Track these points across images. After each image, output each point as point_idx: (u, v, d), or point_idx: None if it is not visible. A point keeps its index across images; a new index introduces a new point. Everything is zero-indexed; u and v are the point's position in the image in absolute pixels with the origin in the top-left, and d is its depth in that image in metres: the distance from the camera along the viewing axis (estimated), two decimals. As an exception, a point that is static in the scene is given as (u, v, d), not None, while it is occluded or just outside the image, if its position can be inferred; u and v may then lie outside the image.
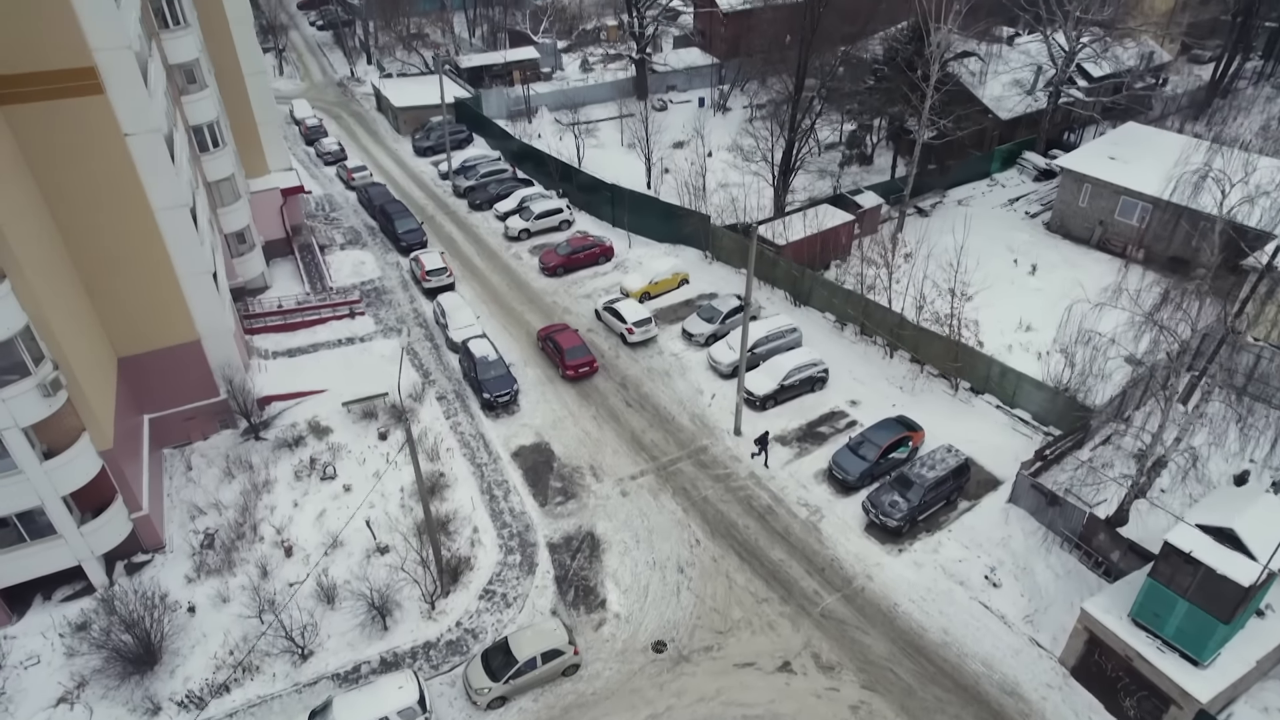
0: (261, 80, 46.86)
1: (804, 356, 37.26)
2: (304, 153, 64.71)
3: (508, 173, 57.27)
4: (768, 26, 70.83)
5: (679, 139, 65.35)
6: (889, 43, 54.72)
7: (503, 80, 76.68)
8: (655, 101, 73.26)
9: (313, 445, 34.74)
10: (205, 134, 39.91)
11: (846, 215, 47.81)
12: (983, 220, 53.03)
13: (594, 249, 47.51)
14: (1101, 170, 49.27)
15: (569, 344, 39.15)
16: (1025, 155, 59.72)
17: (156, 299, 32.01)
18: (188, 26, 38.01)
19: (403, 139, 66.49)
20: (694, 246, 48.74)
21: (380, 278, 47.14)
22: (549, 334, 40.44)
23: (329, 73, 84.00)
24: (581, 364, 38.66)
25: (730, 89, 73.02)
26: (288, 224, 49.45)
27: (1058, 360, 38.68)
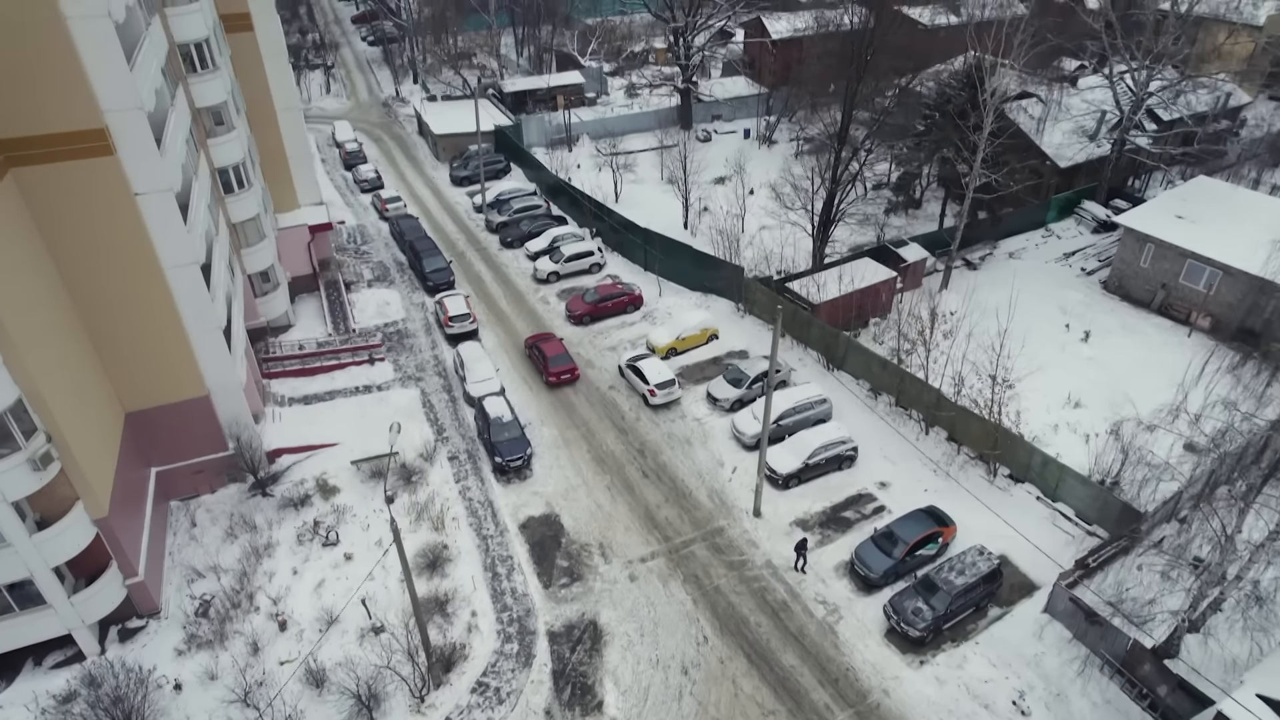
0: (294, 116, 46.45)
1: (832, 433, 35.25)
2: (342, 178, 64.53)
3: (541, 209, 56.14)
4: (817, 59, 68.72)
5: (721, 174, 63.61)
6: (941, 87, 52.08)
7: (546, 105, 75.76)
8: (699, 132, 71.57)
9: (318, 506, 33.91)
10: (231, 176, 39.48)
11: (888, 272, 45.55)
12: (1034, 276, 50.30)
13: (622, 298, 46.05)
14: (1167, 230, 46.16)
15: (553, 352, 41.22)
16: (1084, 205, 56.58)
17: (165, 356, 31.46)
18: (216, 70, 37.54)
19: (441, 166, 65.94)
20: (726, 298, 46.97)
21: (404, 319, 46.35)
22: (535, 342, 42.32)
23: (375, 91, 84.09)
24: (563, 371, 40.72)
25: (777, 121, 70.93)
26: (315, 259, 49.01)
27: (1106, 444, 36.20)
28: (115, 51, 26.46)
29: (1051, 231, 55.74)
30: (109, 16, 26.00)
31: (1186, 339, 44.51)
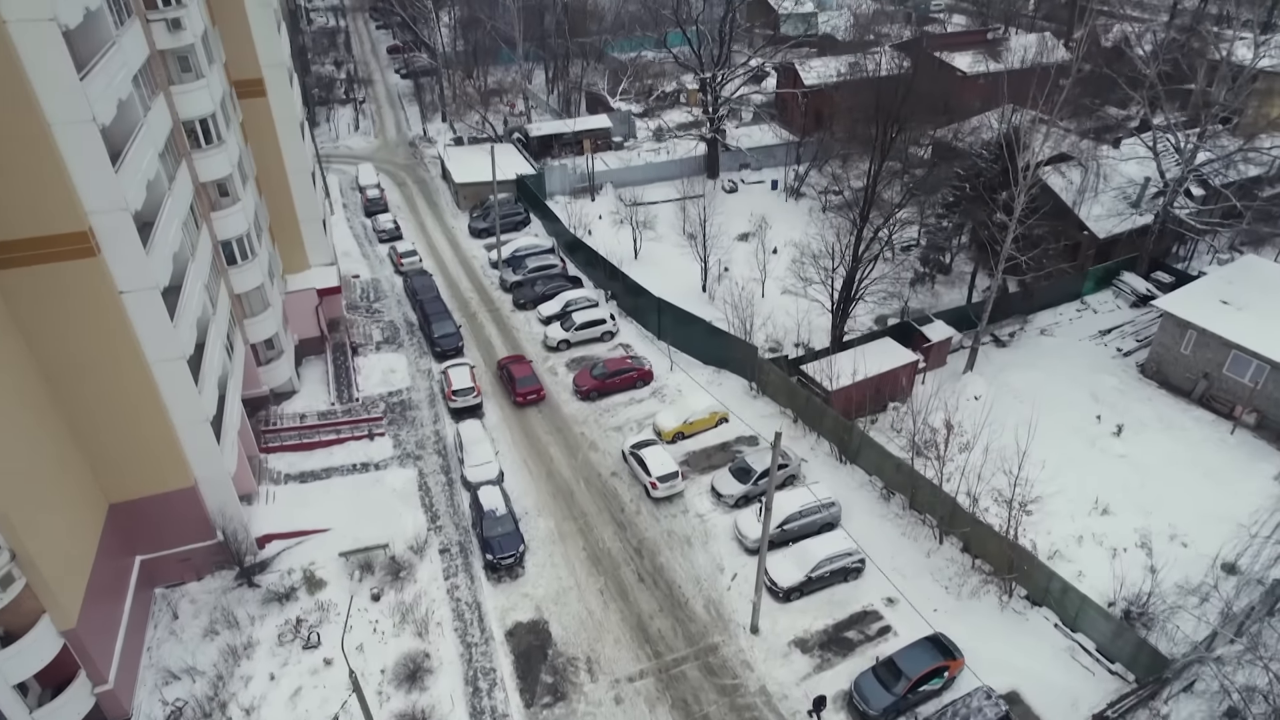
0: (305, 178, 45.98)
1: (838, 544, 33.43)
2: (361, 226, 64.22)
3: (557, 268, 55.11)
4: (848, 111, 66.89)
5: (745, 230, 62.09)
6: (972, 158, 50.00)
7: (572, 149, 74.92)
8: (725, 183, 70.13)
9: (303, 601, 32.99)
10: (234, 248, 39.00)
11: (909, 355, 43.60)
12: (1067, 356, 47.96)
13: (631, 373, 44.70)
14: (1210, 317, 43.54)
15: (520, 374, 44.67)
16: (1123, 277, 53.95)
17: (150, 448, 30.82)
18: (221, 144, 37.06)
19: (461, 215, 65.33)
20: (739, 375, 45.34)
21: (409, 388, 45.51)
22: (506, 364, 46.02)
23: (404, 129, 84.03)
24: (530, 391, 44.02)
25: (806, 173, 69.16)
26: (325, 321, 48.47)
27: (1133, 561, 33.96)
28: (100, 155, 25.86)
29: (1087, 304, 53.21)
30: (93, 121, 25.42)
31: (1229, 436, 41.86)
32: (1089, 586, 32.54)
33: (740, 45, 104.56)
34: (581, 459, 40.51)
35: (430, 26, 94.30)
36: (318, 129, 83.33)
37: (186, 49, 34.83)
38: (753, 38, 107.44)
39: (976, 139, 65.96)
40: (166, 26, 33.62)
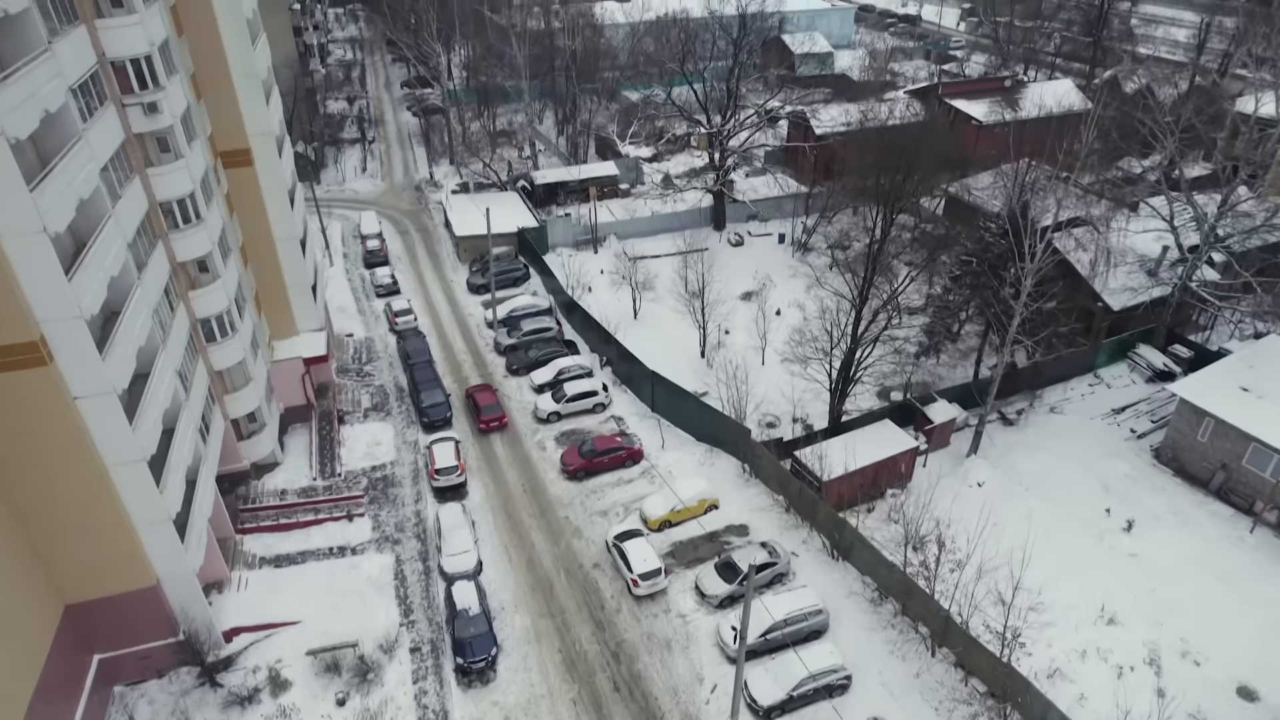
0: (294, 246, 45.19)
1: (824, 659, 31.74)
2: (360, 278, 63.48)
3: (553, 330, 53.98)
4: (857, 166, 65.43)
5: (748, 289, 60.69)
6: (979, 228, 48.30)
7: (578, 196, 74.01)
8: (731, 236, 68.81)
9: (265, 705, 31.81)
10: (214, 325, 38.19)
11: (908, 440, 41.89)
12: (1077, 437, 45.99)
13: (620, 452, 43.33)
14: (1228, 406, 41.42)
15: (485, 402, 47.43)
16: (1139, 350, 51.87)
17: (108, 550, 29.89)
18: (201, 222, 36.30)
19: (461, 268, 64.43)
20: (733, 455, 43.82)
21: (393, 463, 44.42)
22: (472, 392, 48.68)
23: (411, 171, 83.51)
24: (492, 419, 46.65)
25: (814, 227, 67.65)
26: (313, 387, 47.61)
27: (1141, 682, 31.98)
28: (51, 264, 25.05)
29: (1101, 379, 51.16)
30: (44, 232, 24.60)
31: (1248, 535, 39.66)
32: (1091, 713, 30.65)
33: (755, 84, 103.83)
34: (564, 547, 39.13)
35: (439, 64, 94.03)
36: (324, 170, 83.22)
37: (165, 130, 34.18)
38: (767, 78, 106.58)
39: (991, 193, 64.42)
40: (143, 110, 32.95)
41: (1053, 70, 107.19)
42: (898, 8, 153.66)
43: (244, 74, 40.25)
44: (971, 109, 76.82)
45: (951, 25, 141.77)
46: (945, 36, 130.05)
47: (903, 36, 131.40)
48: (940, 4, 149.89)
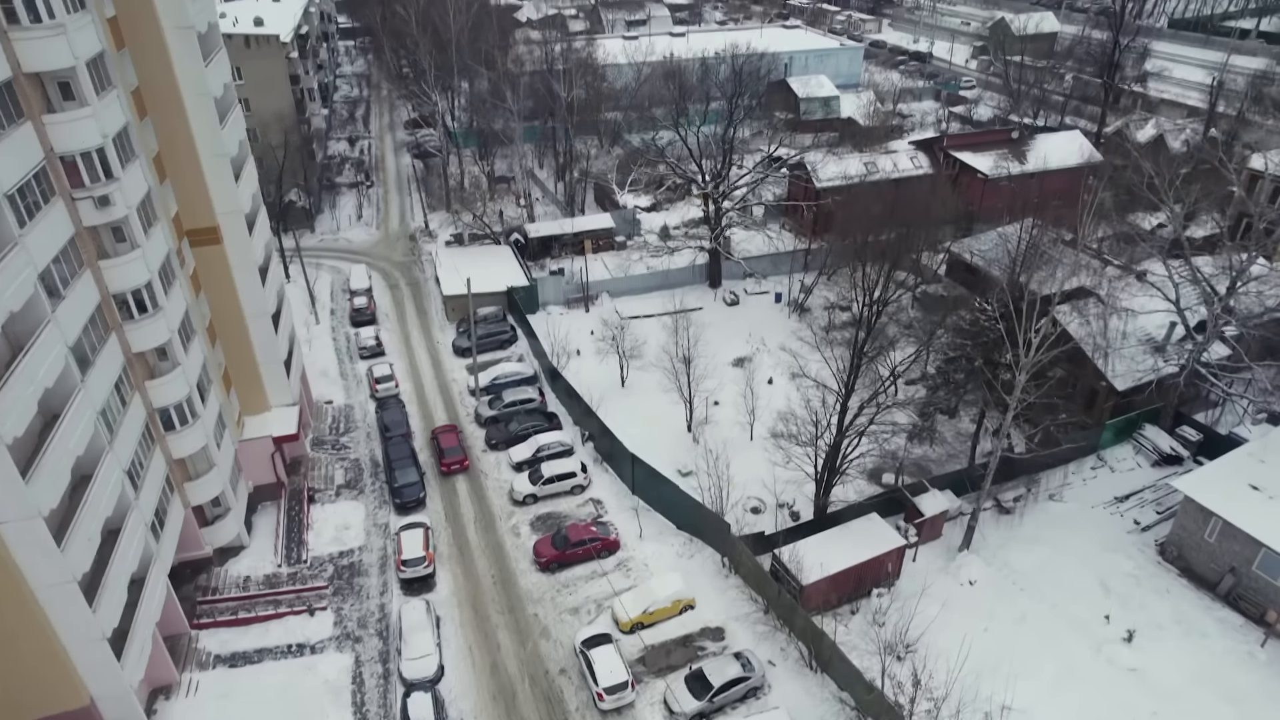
0: (265, 322, 43.97)
1: (794, 795, 29.73)
2: (346, 337, 62.28)
3: (535, 402, 52.43)
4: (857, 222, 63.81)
5: (740, 354, 58.98)
6: (974, 314, 46.37)
7: (573, 249, 72.77)
8: (726, 295, 67.19)
9: (202, 834, 30.18)
10: (172, 414, 36.94)
11: (896, 538, 39.86)
12: (1077, 528, 43.87)
13: (595, 543, 41.55)
14: (1237, 508, 39.14)
15: (447, 444, 48.88)
16: (1145, 430, 49.60)
17: (35, 671, 28.55)
18: (158, 310, 35.08)
19: (449, 326, 63.11)
20: (713, 547, 41.94)
21: (361, 548, 42.88)
22: (436, 433, 50.29)
23: (407, 219, 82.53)
24: (454, 461, 47.99)
25: (812, 286, 65.89)
26: (285, 463, 46.36)
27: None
28: None
29: (1104, 461, 48.94)
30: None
31: (1259, 650, 37.25)
32: None
33: (759, 127, 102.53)
34: (530, 649, 37.36)
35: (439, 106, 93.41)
36: (320, 216, 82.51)
37: (120, 221, 33.09)
38: (772, 122, 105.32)
39: (995, 254, 62.47)
40: (94, 204, 31.86)
41: (1064, 112, 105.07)
42: (909, 44, 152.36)
43: (213, 153, 39.20)
44: (977, 162, 75.06)
45: (963, 63, 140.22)
46: (955, 76, 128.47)
47: (912, 75, 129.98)
48: (951, 40, 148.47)
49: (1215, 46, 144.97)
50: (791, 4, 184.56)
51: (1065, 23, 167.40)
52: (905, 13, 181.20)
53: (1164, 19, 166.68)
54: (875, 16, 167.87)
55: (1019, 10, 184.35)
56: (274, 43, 75.12)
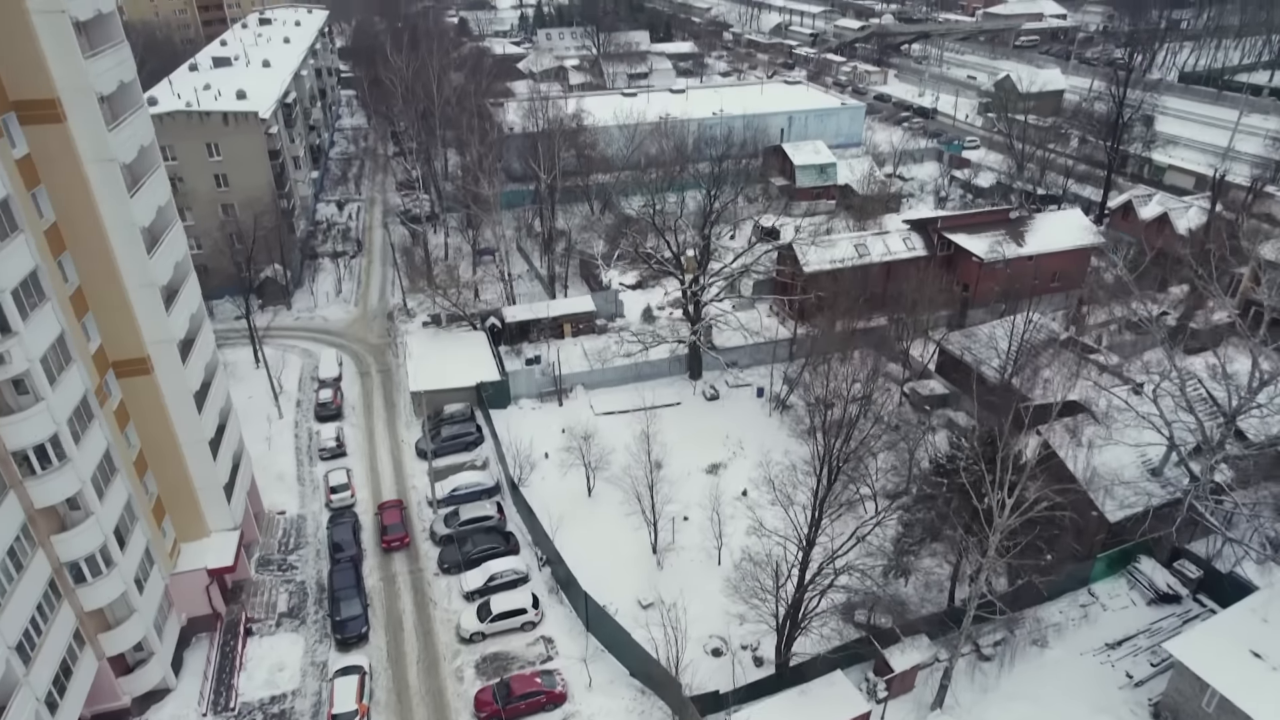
0: (202, 449, 41.83)
1: None
2: (309, 433, 60.13)
3: (493, 519, 49.89)
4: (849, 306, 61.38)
5: (715, 460, 56.33)
6: (951, 448, 43.58)
7: (551, 332, 70.64)
8: (707, 389, 64.63)
9: None
10: (83, 568, 34.69)
11: (859, 703, 36.84)
12: (1063, 680, 40.86)
13: (539, 697, 38.75)
14: (1235, 680, 35.88)
15: (390, 521, 49.74)
16: (1140, 564, 46.38)
17: None
18: (65, 462, 32.93)
19: (416, 423, 60.79)
20: (666, 703, 39.03)
21: (295, 693, 40.31)
22: (382, 509, 51.27)
23: (387, 295, 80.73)
24: (394, 539, 48.69)
25: (796, 380, 63.18)
26: (222, 592, 43.99)
27: None
28: None
29: (1096, 597, 45.73)
30: None
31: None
32: None
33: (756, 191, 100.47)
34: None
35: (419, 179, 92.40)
36: (299, 290, 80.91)
37: (20, 374, 31.09)
38: (766, 186, 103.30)
39: (986, 354, 59.72)
40: (-11, 362, 29.88)
41: (1068, 175, 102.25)
42: (914, 97, 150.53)
43: (140, 284, 37.34)
44: (972, 244, 72.42)
45: (967, 118, 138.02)
46: (959, 135, 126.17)
47: (916, 133, 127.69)
48: (956, 95, 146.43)
49: (1227, 103, 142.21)
50: (797, 54, 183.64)
51: (1074, 74, 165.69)
52: (912, 63, 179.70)
53: (1174, 71, 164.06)
54: (881, 68, 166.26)
55: (1027, 58, 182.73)
56: (253, 119, 73.86)
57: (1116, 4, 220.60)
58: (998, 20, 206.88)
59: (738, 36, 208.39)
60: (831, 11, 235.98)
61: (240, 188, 75.94)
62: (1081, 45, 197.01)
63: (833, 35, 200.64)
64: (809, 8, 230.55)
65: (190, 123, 72.81)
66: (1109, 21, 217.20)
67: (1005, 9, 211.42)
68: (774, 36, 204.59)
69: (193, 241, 76.34)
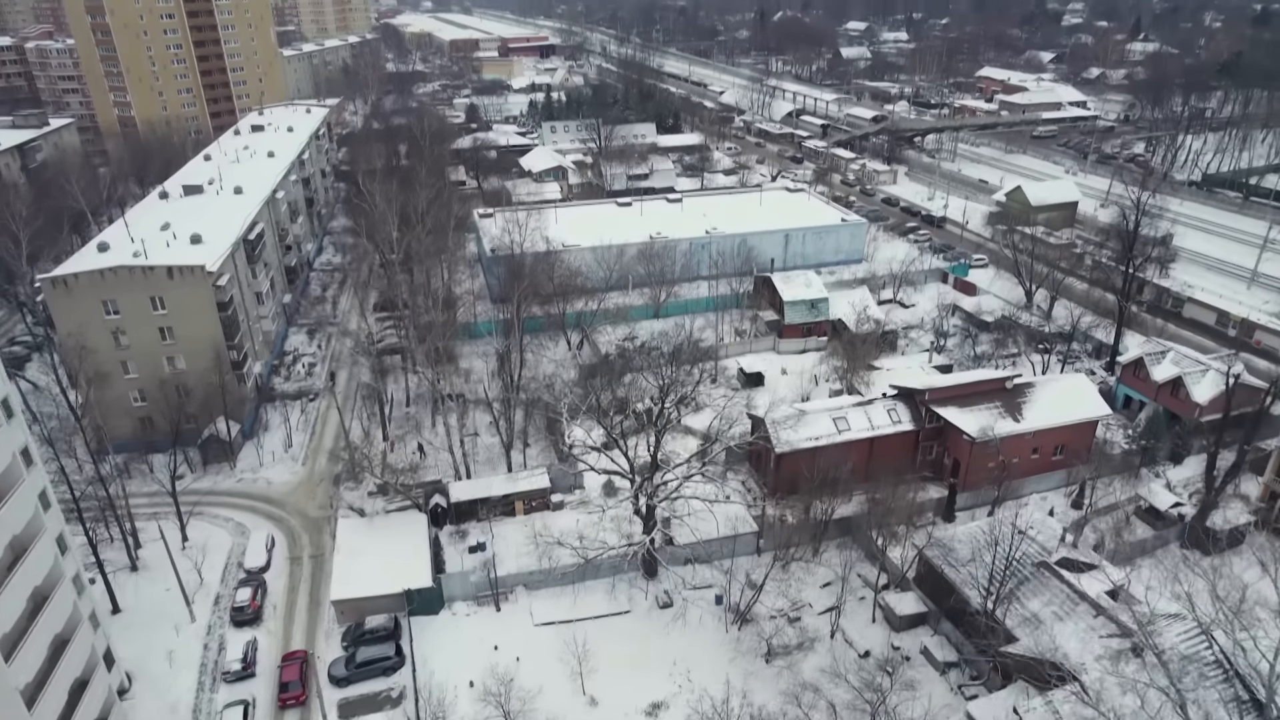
0: None
1: None
2: (220, 642, 54.69)
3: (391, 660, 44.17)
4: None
5: (657, 696, 50.12)
6: None
7: (501, 509, 65.29)
8: (660, 595, 58.49)
9: None
10: None
11: None
12: None
13: None
14: None
15: (288, 677, 50.13)
16: None
17: None
18: None
19: (337, 632, 55.22)
20: None
21: None
22: (286, 659, 51.68)
23: (339, 452, 75.59)
24: (290, 696, 49.27)
25: (761, 586, 56.78)
26: None
27: None
28: None
29: None
30: None
31: None
32: None
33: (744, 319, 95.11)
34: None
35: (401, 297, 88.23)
36: (250, 440, 76.52)
37: None
38: (755, 318, 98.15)
39: (974, 553, 53.18)
40: None
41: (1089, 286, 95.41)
42: (924, 199, 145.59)
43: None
44: (963, 420, 66.22)
45: (978, 226, 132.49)
46: (966, 253, 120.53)
47: (922, 246, 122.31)
48: (966, 201, 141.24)
49: (1252, 212, 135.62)
50: (806, 146, 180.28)
51: (1092, 173, 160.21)
52: (925, 156, 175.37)
53: (1197, 171, 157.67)
54: (891, 167, 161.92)
55: (1044, 151, 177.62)
56: (199, 273, 70.41)
57: (1138, 92, 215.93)
58: (1014, 109, 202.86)
59: (748, 125, 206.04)
60: (847, 97, 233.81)
61: (186, 340, 72.46)
62: (1102, 136, 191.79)
63: (845, 124, 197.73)
64: (822, 95, 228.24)
65: (134, 277, 69.50)
66: (1130, 110, 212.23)
67: (1023, 99, 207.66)
68: (785, 125, 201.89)
69: (135, 394, 73.72)
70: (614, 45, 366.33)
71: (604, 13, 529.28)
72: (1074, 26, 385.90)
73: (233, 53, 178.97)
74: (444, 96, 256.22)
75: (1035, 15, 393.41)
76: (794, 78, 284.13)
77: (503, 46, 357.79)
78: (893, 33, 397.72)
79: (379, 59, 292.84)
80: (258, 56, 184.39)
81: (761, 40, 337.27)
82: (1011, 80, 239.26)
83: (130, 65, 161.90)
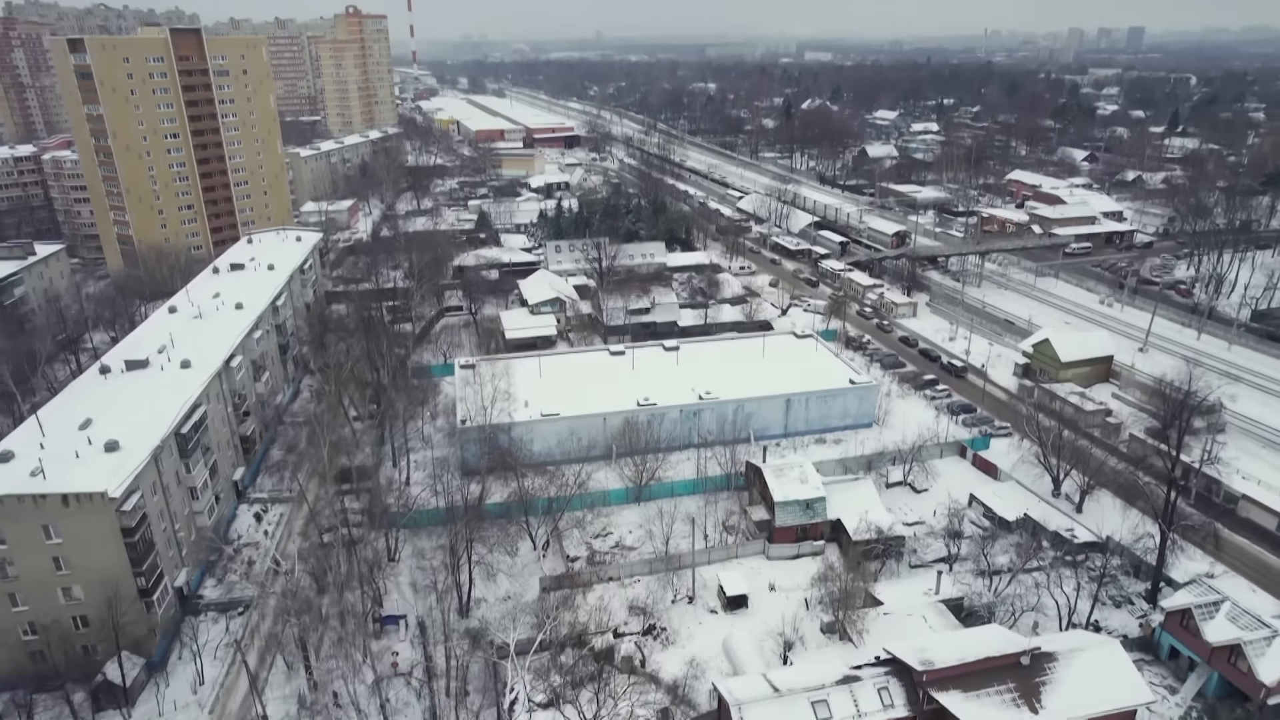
0: None
1: None
2: None
3: None
4: None
5: None
6: None
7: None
8: None
9: None
10: None
11: None
12: None
13: None
14: None
15: None
16: None
17: None
18: None
19: None
20: None
21: None
22: None
23: (263, 686, 66.04)
24: None
25: None
26: None
27: None
28: None
29: None
30: None
31: None
32: None
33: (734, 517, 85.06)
34: None
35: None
36: (157, 673, 67.54)
37: None
38: (743, 516, 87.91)
39: None
40: None
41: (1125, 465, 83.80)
42: (945, 340, 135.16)
43: None
44: (968, 711, 54.99)
45: (1002, 377, 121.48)
46: (987, 421, 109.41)
47: (940, 407, 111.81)
48: (990, 344, 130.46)
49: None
50: (823, 267, 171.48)
51: (1129, 305, 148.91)
52: (950, 278, 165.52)
53: (1246, 308, 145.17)
54: (910, 298, 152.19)
55: (1077, 275, 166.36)
56: (98, 500, 62.68)
57: (1176, 197, 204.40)
58: (1045, 223, 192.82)
59: (764, 237, 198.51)
60: (870, 204, 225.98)
61: (85, 569, 64.40)
62: (1140, 255, 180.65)
63: (865, 237, 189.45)
64: (844, 204, 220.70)
65: (22, 506, 61.93)
66: (1170, 224, 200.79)
67: (1056, 212, 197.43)
68: (801, 240, 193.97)
69: (26, 627, 65.55)
70: (638, 133, 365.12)
71: (633, 96, 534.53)
72: (1108, 118, 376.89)
73: (237, 168, 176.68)
74: (461, 195, 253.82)
75: (1068, 106, 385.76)
76: (818, 177, 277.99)
77: (528, 137, 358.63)
78: (921, 123, 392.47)
79: (399, 156, 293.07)
80: (263, 170, 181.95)
81: (788, 133, 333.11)
82: (1043, 188, 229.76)
83: (130, 185, 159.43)
